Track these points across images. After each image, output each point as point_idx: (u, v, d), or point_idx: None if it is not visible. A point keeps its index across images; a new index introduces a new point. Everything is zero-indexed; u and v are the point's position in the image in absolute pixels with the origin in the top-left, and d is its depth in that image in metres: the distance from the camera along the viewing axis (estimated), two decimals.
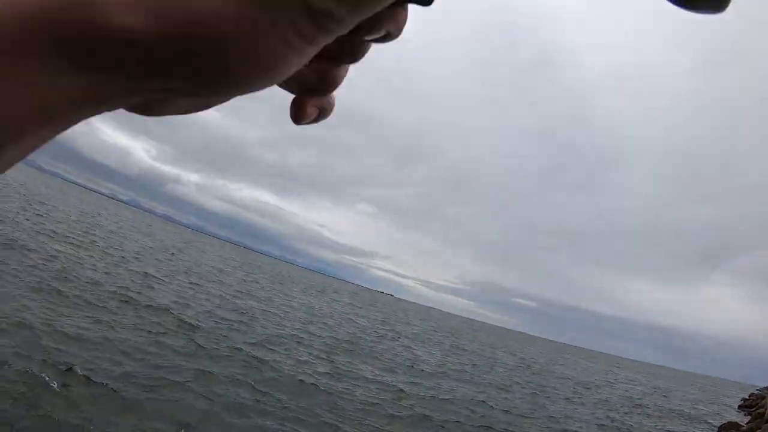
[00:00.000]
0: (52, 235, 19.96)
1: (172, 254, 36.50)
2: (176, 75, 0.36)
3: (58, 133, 0.37)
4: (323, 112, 0.48)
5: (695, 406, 32.37)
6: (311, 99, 0.46)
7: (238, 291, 24.84)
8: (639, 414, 20.34)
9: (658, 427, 18.34)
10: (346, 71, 0.46)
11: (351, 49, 0.43)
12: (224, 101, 0.43)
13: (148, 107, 0.40)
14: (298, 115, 0.46)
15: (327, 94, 0.47)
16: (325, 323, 22.96)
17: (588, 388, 25.23)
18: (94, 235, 27.58)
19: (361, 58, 0.44)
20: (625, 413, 19.50)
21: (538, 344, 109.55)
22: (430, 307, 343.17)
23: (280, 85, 0.44)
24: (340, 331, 21.79)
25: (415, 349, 22.27)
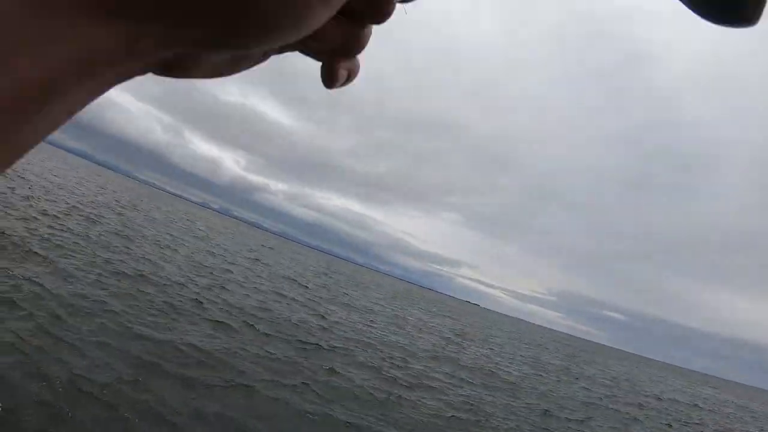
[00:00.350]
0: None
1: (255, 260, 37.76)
2: (212, 21, 0.37)
3: (98, 93, 0.37)
4: (351, 75, 0.49)
5: None
6: (341, 61, 0.47)
7: (316, 295, 25.07)
8: None
9: None
10: (371, 33, 0.47)
11: (376, 10, 0.44)
12: (252, 63, 0.44)
13: (178, 66, 0.40)
14: (330, 78, 0.47)
15: (354, 56, 0.48)
16: (405, 330, 22.66)
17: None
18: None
19: (385, 18, 0.45)
20: None
21: (626, 360, 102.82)
22: (516, 318, 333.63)
23: (308, 52, 0.46)
24: (421, 339, 21.23)
25: (496, 359, 21.26)
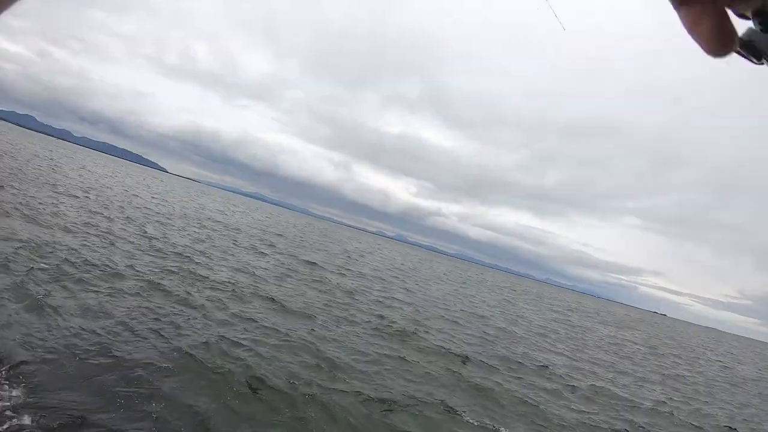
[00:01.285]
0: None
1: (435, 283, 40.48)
2: None
3: None
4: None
5: None
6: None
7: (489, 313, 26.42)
8: None
9: None
10: None
11: None
12: None
13: None
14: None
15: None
16: (576, 343, 21.95)
17: None
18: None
19: None
20: None
21: None
22: (708, 328, 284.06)
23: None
24: (601, 354, 20.65)
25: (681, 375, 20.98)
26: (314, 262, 23.85)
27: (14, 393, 5.04)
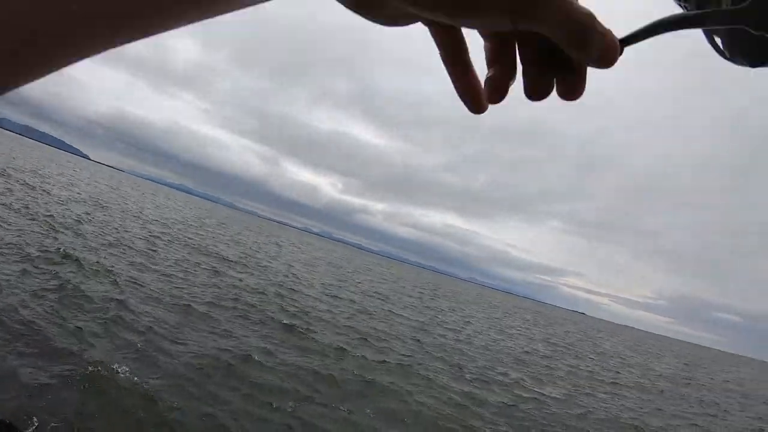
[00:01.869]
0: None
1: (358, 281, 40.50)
2: None
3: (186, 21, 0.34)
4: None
5: None
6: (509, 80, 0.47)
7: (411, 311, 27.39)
8: None
9: None
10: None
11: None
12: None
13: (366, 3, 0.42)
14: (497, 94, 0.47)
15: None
16: (499, 339, 23.34)
17: None
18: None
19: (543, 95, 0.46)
20: None
21: (740, 363, 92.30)
22: (624, 326, 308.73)
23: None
24: (516, 345, 22.09)
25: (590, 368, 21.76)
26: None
27: None
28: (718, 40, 0.53)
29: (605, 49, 0.39)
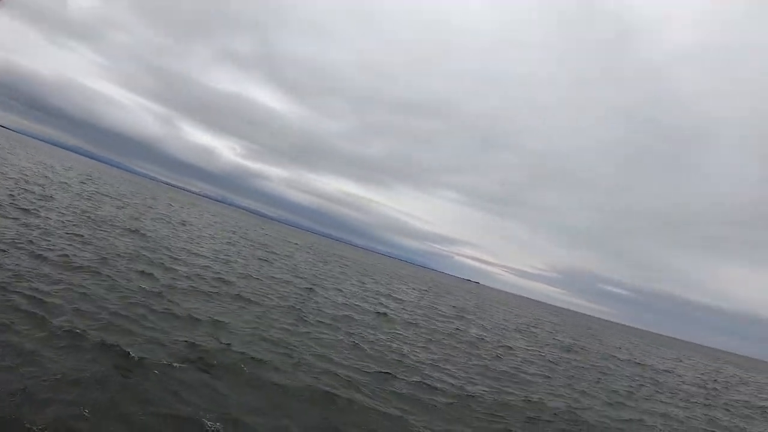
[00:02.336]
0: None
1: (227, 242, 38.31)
2: None
3: None
4: None
5: None
6: None
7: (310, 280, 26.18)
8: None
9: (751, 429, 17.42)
10: None
11: None
12: None
13: None
14: None
15: None
16: (389, 305, 24.13)
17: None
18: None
19: None
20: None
21: (623, 332, 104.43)
22: (517, 295, 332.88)
23: None
24: (405, 314, 22.69)
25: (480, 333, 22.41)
26: None
27: None
28: None
29: None
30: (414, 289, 48.07)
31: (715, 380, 33.71)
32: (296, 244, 68.50)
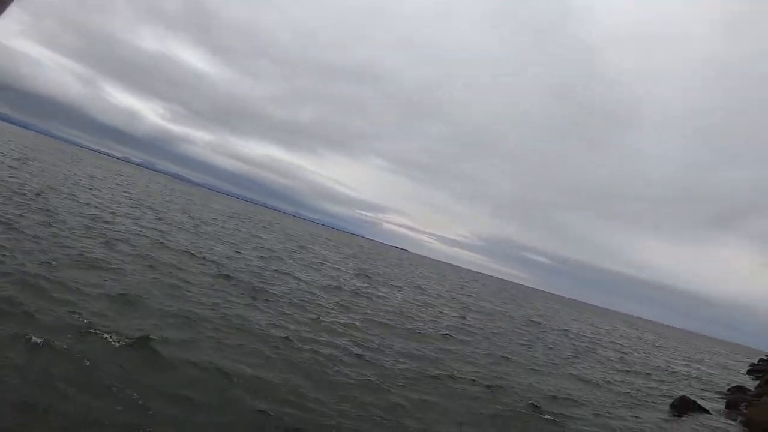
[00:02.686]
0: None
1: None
2: None
3: None
4: None
5: (701, 367, 31.74)
6: None
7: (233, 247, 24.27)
8: (637, 375, 19.62)
9: (662, 388, 17.65)
10: None
11: None
12: None
13: None
14: None
15: None
16: (317, 271, 22.55)
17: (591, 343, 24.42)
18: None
19: None
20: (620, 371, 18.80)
21: (544, 298, 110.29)
22: (443, 262, 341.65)
23: None
24: (324, 279, 21.24)
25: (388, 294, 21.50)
26: None
27: None
28: None
29: None
30: (340, 254, 46.62)
31: (629, 346, 35.06)
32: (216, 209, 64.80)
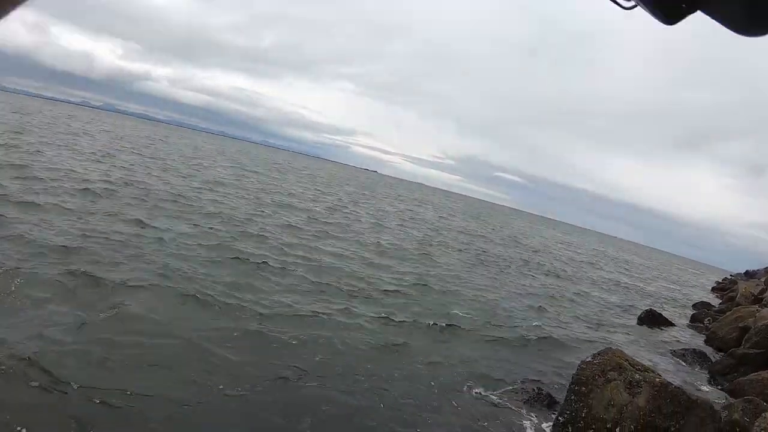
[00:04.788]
0: None
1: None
2: None
3: None
4: None
5: (669, 285, 32.61)
6: None
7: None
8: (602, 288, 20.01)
9: (626, 302, 18.17)
10: None
11: None
12: None
13: None
14: None
15: None
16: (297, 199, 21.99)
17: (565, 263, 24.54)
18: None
19: None
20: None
21: (517, 217, 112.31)
22: (415, 183, 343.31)
23: None
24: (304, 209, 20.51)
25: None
26: None
27: None
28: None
29: None
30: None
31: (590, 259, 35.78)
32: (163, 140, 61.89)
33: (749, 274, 49.16)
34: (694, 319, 17.29)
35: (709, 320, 16.29)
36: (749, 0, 0.81)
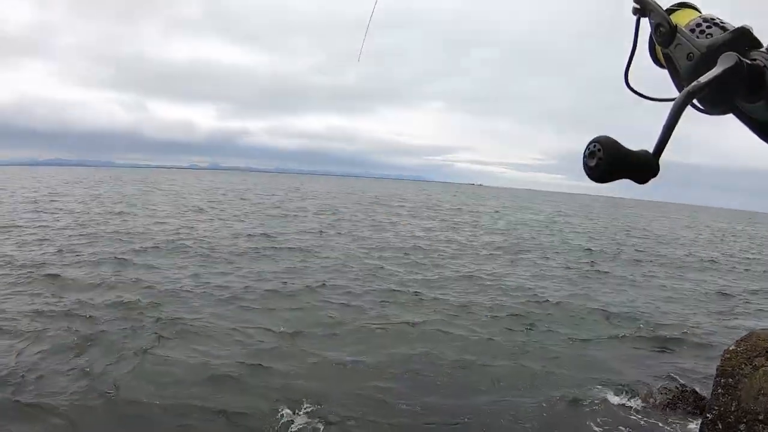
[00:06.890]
0: None
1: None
2: None
3: None
4: None
5: None
6: None
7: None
8: None
9: None
10: None
11: None
12: None
13: None
14: None
15: None
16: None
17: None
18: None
19: None
20: None
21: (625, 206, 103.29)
22: (522, 189, 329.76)
23: None
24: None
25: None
26: None
27: None
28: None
29: None
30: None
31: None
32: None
33: None
34: None
35: None
36: None
